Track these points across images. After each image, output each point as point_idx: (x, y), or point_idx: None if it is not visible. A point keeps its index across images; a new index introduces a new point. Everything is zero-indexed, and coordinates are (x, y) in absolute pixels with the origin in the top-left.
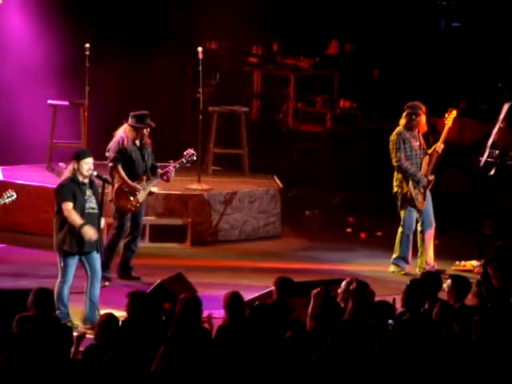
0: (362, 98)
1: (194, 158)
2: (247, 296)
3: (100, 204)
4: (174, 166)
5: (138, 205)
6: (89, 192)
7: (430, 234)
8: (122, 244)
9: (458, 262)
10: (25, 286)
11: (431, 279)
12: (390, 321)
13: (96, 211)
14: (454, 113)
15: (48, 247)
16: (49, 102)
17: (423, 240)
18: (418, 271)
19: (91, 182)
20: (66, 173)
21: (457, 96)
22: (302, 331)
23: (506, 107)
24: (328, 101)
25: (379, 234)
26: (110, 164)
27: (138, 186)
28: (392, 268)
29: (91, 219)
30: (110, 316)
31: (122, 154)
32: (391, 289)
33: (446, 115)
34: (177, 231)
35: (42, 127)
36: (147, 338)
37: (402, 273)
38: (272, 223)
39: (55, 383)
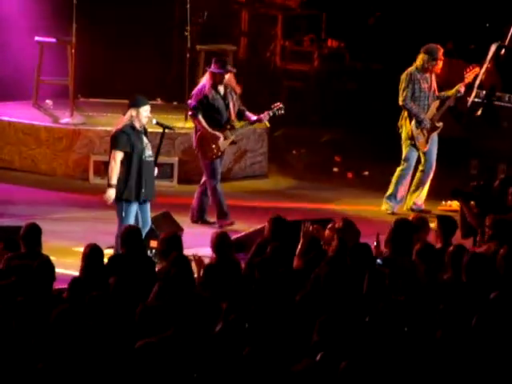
0: (350, 38)
1: (282, 112)
2: (234, 235)
3: (157, 152)
4: (261, 119)
5: (220, 153)
6: (146, 139)
7: (429, 175)
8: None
9: (444, 202)
10: (10, 223)
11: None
12: (379, 260)
13: (152, 159)
14: (477, 70)
15: (34, 184)
16: (36, 38)
17: (420, 180)
18: (405, 209)
19: (145, 130)
20: (124, 120)
21: (444, 36)
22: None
23: (493, 48)
24: (315, 40)
25: (366, 173)
26: (189, 113)
27: (218, 134)
28: (384, 206)
29: (149, 167)
30: (94, 247)
31: (203, 103)
32: (377, 228)
33: (468, 70)
34: (164, 169)
35: (29, 64)
36: (134, 275)
37: (390, 212)
38: (259, 162)
39: (39, 317)
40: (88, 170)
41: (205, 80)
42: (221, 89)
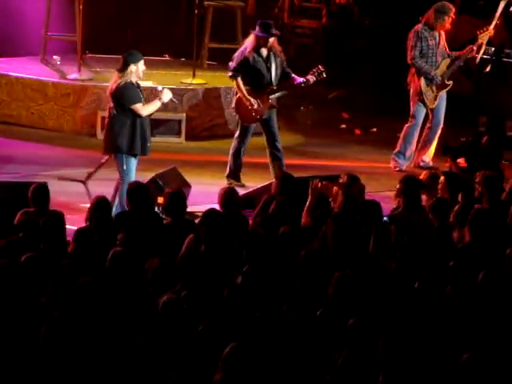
0: None
1: (324, 76)
2: (242, 191)
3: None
4: (307, 81)
5: (257, 117)
6: (142, 97)
7: (436, 132)
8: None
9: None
10: (19, 179)
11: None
12: (385, 218)
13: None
14: (491, 32)
15: (41, 140)
16: None
17: (427, 137)
18: (412, 167)
19: (138, 85)
20: (124, 77)
21: None
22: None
23: (502, 4)
24: None
25: (374, 130)
26: (229, 73)
27: (253, 101)
28: (392, 163)
29: (147, 123)
30: (102, 199)
31: (243, 65)
32: (385, 185)
33: (482, 31)
34: (171, 125)
35: (36, 19)
36: (142, 229)
37: (397, 169)
38: None
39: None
40: (95, 125)
41: (247, 42)
42: (263, 51)
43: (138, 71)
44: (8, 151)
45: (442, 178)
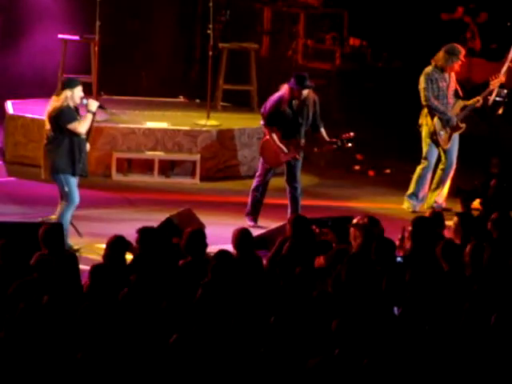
0: (372, 37)
1: (350, 144)
2: (256, 232)
3: (88, 130)
4: (329, 148)
5: (279, 164)
6: (79, 118)
7: (449, 173)
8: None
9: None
10: (34, 220)
11: (436, 218)
12: (399, 258)
13: (84, 136)
14: (502, 79)
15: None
16: (59, 36)
17: (441, 178)
18: (425, 208)
19: (77, 109)
20: (60, 101)
21: (466, 35)
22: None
23: None
24: (337, 38)
25: (387, 171)
26: (261, 121)
27: (283, 149)
28: (405, 204)
29: (84, 143)
30: (119, 238)
31: (274, 116)
32: (398, 226)
33: (493, 77)
34: (186, 167)
35: (52, 61)
36: (157, 272)
37: (411, 210)
38: None
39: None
40: (110, 166)
41: (281, 92)
42: (295, 103)
43: (73, 97)
44: (24, 192)
45: (455, 218)
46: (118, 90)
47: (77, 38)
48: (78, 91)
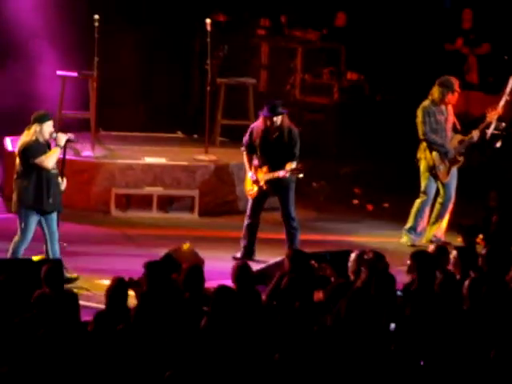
0: (370, 71)
1: (300, 176)
2: (255, 266)
3: (62, 165)
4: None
5: (253, 193)
6: (48, 148)
7: (448, 207)
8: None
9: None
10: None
11: (440, 253)
12: (399, 292)
13: (56, 171)
14: (499, 111)
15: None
16: (58, 72)
17: (439, 212)
18: (424, 242)
19: (49, 144)
20: (28, 136)
21: (463, 69)
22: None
23: (511, 80)
24: (335, 73)
25: (386, 205)
26: (241, 147)
27: (251, 175)
28: (404, 238)
29: (55, 179)
30: (119, 281)
31: (251, 144)
32: (397, 260)
33: (490, 110)
34: (184, 202)
35: (50, 98)
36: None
37: (409, 244)
38: None
39: (64, 348)
40: (109, 203)
41: (257, 121)
42: (271, 131)
43: (42, 131)
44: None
45: (454, 252)
46: (116, 125)
47: (75, 74)
48: (48, 126)
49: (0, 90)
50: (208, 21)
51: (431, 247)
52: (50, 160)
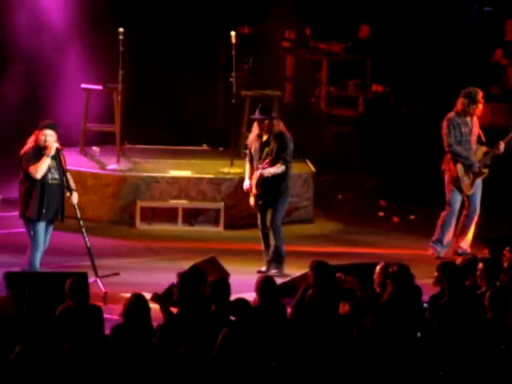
0: (395, 83)
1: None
2: (280, 280)
3: (64, 174)
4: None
5: (252, 203)
6: (52, 163)
7: (473, 219)
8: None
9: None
10: (59, 270)
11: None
12: (425, 304)
13: (58, 182)
14: None
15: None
16: (83, 86)
17: (465, 224)
18: (450, 254)
19: (57, 154)
20: (29, 143)
21: (489, 80)
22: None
23: None
24: (360, 85)
25: (412, 217)
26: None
27: (245, 184)
28: (430, 250)
29: (53, 189)
30: (138, 296)
31: (249, 150)
32: (424, 272)
33: None
34: (209, 215)
35: (75, 111)
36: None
37: (436, 256)
38: (304, 207)
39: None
40: (134, 215)
41: (253, 127)
42: (264, 135)
43: (39, 138)
44: (52, 242)
45: (480, 265)
46: (141, 139)
47: (100, 87)
48: (46, 136)
49: (25, 104)
50: (233, 33)
51: (458, 259)
52: (39, 170)
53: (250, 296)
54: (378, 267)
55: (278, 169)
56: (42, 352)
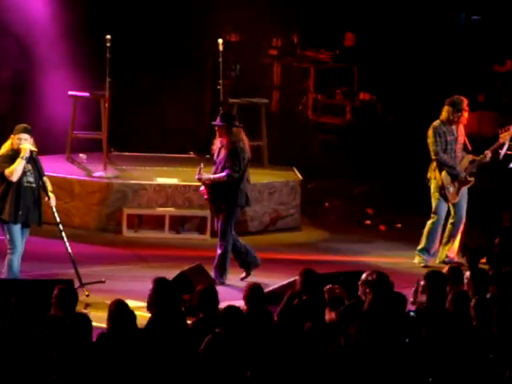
0: (382, 91)
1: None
2: (267, 287)
3: (39, 178)
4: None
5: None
6: (27, 166)
7: (459, 228)
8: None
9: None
10: (44, 277)
11: (454, 274)
12: (412, 313)
13: (33, 185)
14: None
15: (68, 238)
16: (69, 93)
17: (451, 233)
18: (437, 263)
19: (33, 158)
20: (5, 147)
21: (476, 89)
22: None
23: None
24: (348, 93)
25: (398, 225)
26: None
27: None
28: (416, 259)
29: (27, 192)
30: (119, 302)
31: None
32: (410, 281)
33: (503, 130)
34: (196, 222)
35: (62, 118)
36: (167, 329)
37: (422, 265)
38: (291, 215)
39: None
40: (121, 223)
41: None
42: (221, 141)
43: (14, 142)
44: (34, 249)
45: (467, 273)
46: (128, 146)
47: (87, 94)
48: (20, 139)
49: (11, 111)
50: (220, 40)
51: (445, 268)
52: (14, 172)
53: (238, 304)
54: (363, 275)
55: (220, 176)
56: (28, 359)
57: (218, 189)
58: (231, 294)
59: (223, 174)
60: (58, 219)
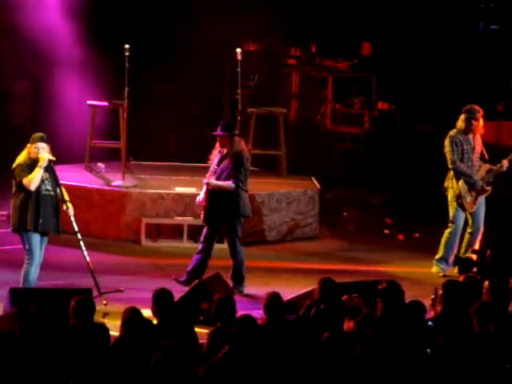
0: (400, 100)
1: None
2: (285, 296)
3: (58, 187)
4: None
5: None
6: (45, 175)
7: (477, 237)
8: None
9: None
10: (63, 286)
11: (470, 283)
12: (430, 322)
13: (52, 193)
14: None
15: (86, 247)
16: (88, 102)
17: (469, 242)
18: (455, 272)
19: (50, 166)
20: (22, 155)
21: (495, 98)
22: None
23: None
24: (366, 102)
25: (417, 235)
26: None
27: (197, 198)
28: (434, 268)
29: (46, 201)
30: (133, 310)
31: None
32: (428, 290)
33: None
34: None
35: (81, 127)
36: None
37: (441, 274)
38: (310, 224)
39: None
40: (139, 232)
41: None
42: (223, 151)
43: (30, 151)
44: (53, 258)
45: (486, 283)
46: (146, 155)
47: (105, 103)
48: (38, 148)
49: (30, 121)
50: (238, 50)
51: (461, 277)
52: (32, 181)
53: (257, 313)
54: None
55: (227, 184)
56: (47, 368)
57: (219, 198)
58: (249, 304)
59: (229, 182)
60: (76, 228)
